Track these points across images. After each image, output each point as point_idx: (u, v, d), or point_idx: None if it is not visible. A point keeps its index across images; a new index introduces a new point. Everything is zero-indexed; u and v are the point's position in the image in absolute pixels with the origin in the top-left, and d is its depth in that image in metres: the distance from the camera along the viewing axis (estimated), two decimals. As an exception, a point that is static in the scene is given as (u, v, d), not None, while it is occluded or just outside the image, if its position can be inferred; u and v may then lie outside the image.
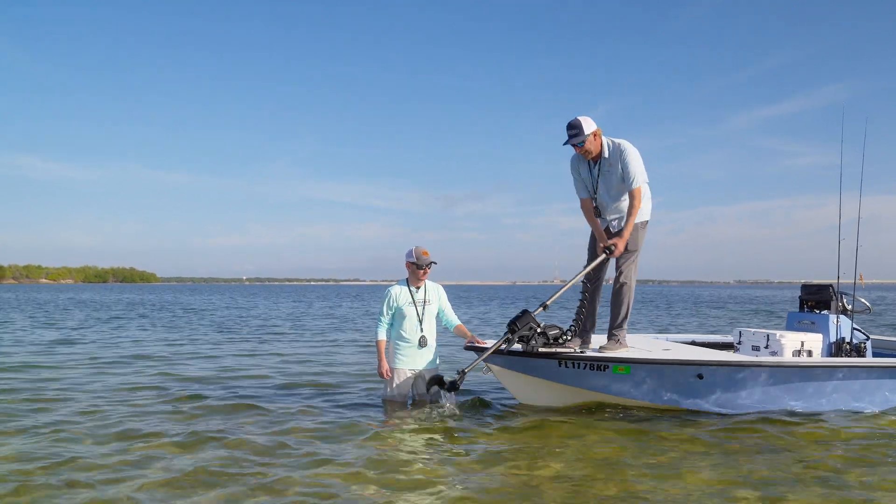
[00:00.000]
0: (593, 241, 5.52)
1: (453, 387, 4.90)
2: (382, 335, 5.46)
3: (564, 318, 5.32)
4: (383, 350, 5.44)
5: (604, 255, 5.18)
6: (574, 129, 5.12)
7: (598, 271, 5.51)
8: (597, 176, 5.30)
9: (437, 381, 5.03)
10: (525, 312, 4.99)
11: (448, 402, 5.09)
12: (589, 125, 5.11)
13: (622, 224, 5.29)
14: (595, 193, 5.34)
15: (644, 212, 5.32)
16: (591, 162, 5.31)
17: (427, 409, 5.23)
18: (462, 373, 4.91)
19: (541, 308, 5.09)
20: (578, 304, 5.54)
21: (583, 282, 5.50)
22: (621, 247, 5.13)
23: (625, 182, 5.19)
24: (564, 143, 5.18)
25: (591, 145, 5.17)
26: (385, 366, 5.42)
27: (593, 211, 5.41)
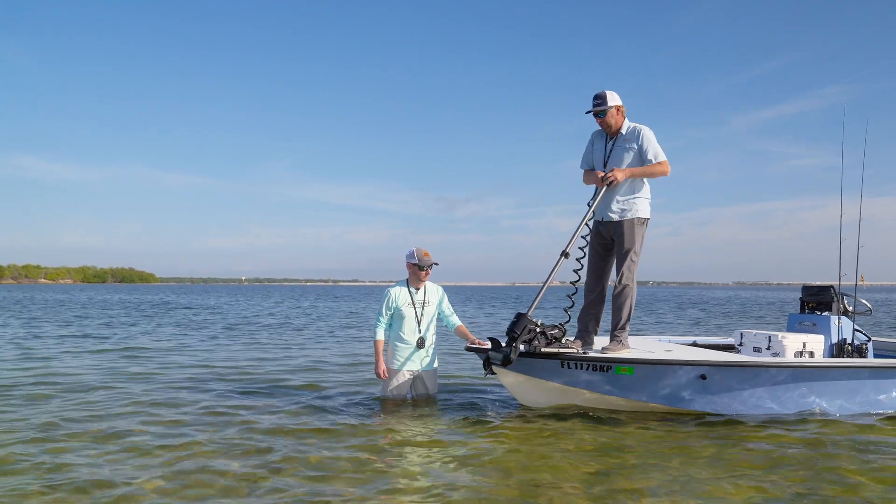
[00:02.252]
0: (593, 246, 5.51)
1: (507, 360, 4.78)
2: (381, 335, 5.44)
3: (559, 319, 5.28)
4: (381, 350, 5.42)
5: (604, 186, 5.19)
6: (599, 99, 5.32)
7: (602, 277, 5.50)
8: (610, 150, 5.39)
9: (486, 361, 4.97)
10: (520, 316, 4.94)
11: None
12: (614, 99, 5.30)
13: (621, 217, 5.29)
14: (604, 167, 5.39)
15: (643, 210, 5.35)
16: (608, 137, 5.44)
17: (424, 410, 5.21)
18: (512, 346, 4.78)
19: (562, 257, 5.07)
20: (583, 306, 5.53)
21: (586, 283, 5.50)
22: (619, 176, 5.17)
23: (645, 160, 5.27)
24: (587, 112, 5.36)
25: (612, 118, 5.32)
26: (382, 366, 5.40)
27: (593, 179, 5.47)
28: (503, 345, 4.85)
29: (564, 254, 5.13)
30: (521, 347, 4.87)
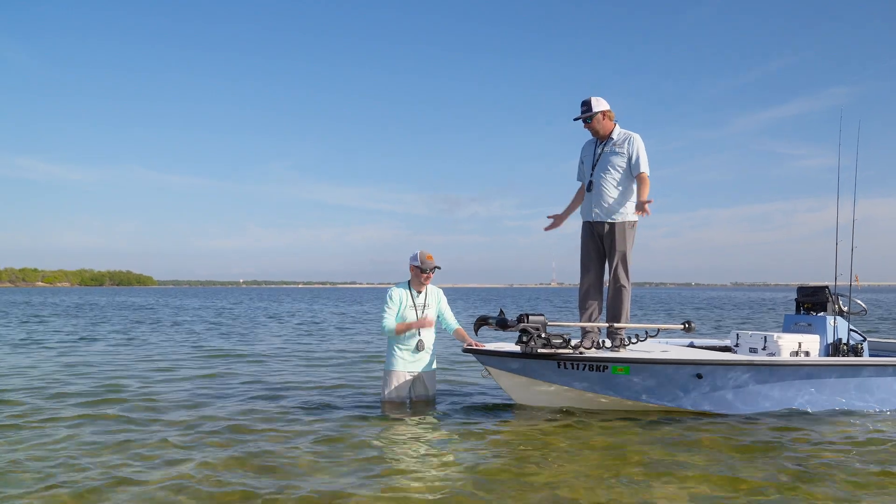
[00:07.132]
0: (585, 244, 5.57)
1: (504, 323, 4.90)
2: (393, 323, 5.39)
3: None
4: (403, 326, 5.37)
5: (642, 213, 5.23)
6: (585, 105, 5.39)
7: (597, 277, 5.56)
8: (599, 154, 5.43)
9: (480, 322, 5.15)
10: (541, 315, 5.04)
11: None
12: (600, 104, 5.36)
13: (613, 220, 5.37)
14: (593, 170, 5.43)
15: (631, 213, 5.41)
16: (598, 142, 5.50)
17: (423, 411, 5.25)
18: (518, 323, 4.93)
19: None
20: (581, 306, 5.58)
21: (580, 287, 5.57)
22: (646, 204, 5.16)
23: (630, 168, 5.35)
24: (574, 119, 5.42)
25: (598, 124, 5.37)
26: (417, 323, 5.36)
27: (581, 196, 5.63)
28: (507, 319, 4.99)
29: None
30: (516, 348, 4.93)
